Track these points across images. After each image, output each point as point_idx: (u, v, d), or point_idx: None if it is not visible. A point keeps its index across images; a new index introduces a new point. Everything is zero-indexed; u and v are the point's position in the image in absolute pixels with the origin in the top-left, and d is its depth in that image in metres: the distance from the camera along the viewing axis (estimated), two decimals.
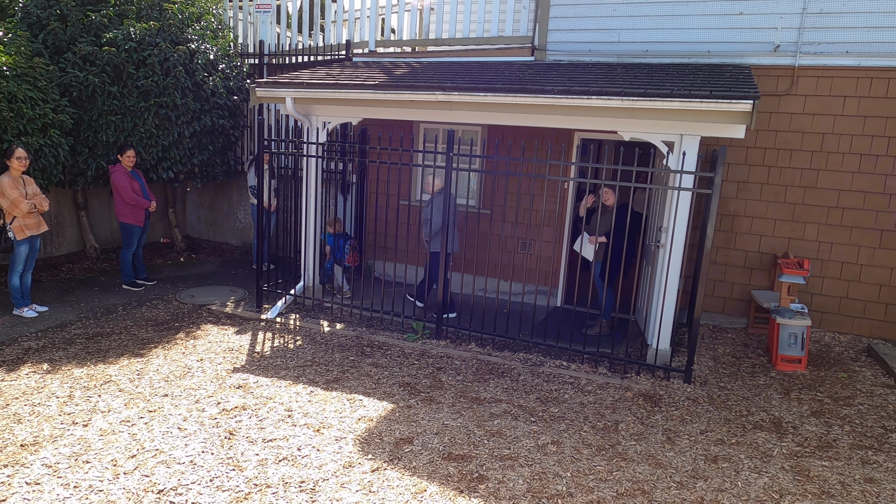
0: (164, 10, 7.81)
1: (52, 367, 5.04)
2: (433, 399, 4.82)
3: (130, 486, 3.49)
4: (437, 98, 5.89)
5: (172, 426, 4.20)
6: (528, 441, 4.23)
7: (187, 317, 6.53)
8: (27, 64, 6.64)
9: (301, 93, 6.52)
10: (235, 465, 3.76)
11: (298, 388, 4.91)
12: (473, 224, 7.44)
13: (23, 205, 5.90)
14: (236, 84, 8.53)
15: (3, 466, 3.61)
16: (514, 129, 7.19)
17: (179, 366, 5.23)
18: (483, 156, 5.83)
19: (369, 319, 6.68)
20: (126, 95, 7.39)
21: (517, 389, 5.08)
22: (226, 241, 9.92)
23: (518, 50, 7.54)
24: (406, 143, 7.78)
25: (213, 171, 8.64)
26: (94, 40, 7.30)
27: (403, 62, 7.89)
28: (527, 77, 6.21)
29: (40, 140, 6.58)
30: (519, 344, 6.06)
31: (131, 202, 7.02)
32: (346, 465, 3.83)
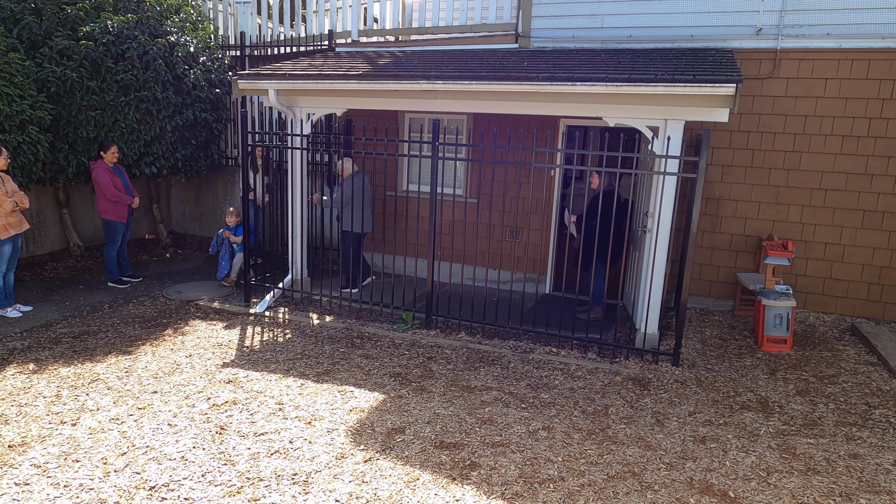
0: (142, 3, 7.69)
1: (39, 367, 4.99)
2: (424, 388, 4.84)
3: (121, 484, 3.48)
4: (421, 87, 5.86)
5: (162, 423, 4.18)
6: (519, 427, 4.26)
7: (175, 313, 6.48)
8: (2, 60, 6.50)
9: (284, 84, 6.46)
10: (227, 460, 3.75)
11: (289, 381, 4.90)
12: (460, 213, 7.43)
13: (6, 203, 5.81)
14: (218, 77, 8.42)
15: None
16: (500, 117, 7.18)
17: (168, 362, 5.20)
18: (469, 144, 5.81)
19: (359, 311, 6.67)
20: (105, 90, 7.28)
21: (507, 377, 5.11)
22: (212, 235, 9.82)
23: (502, 37, 7.51)
24: (391, 134, 7.74)
25: (196, 166, 8.55)
26: (70, 34, 7.17)
27: (387, 52, 7.83)
28: (511, 64, 6.19)
29: (18, 137, 6.47)
30: (508, 332, 6.08)
31: (113, 199, 6.94)
32: (339, 456, 3.84)
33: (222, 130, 8.94)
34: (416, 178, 7.83)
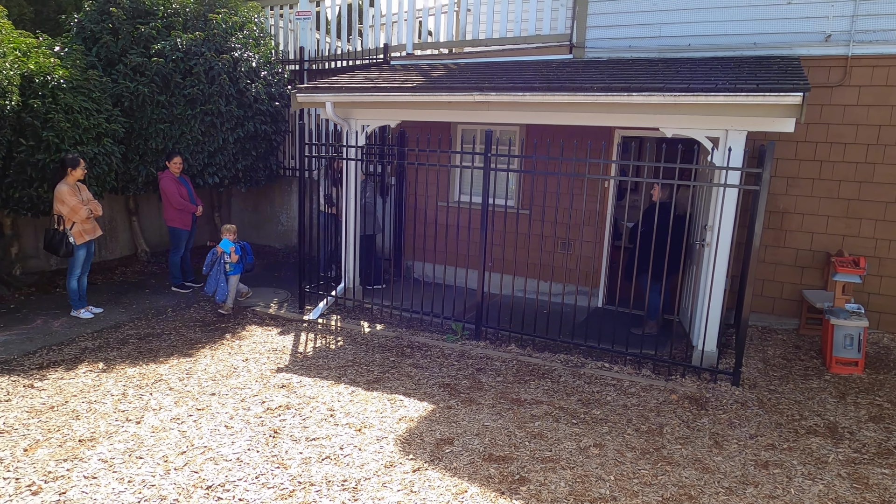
0: (209, 21, 8.05)
1: (108, 367, 5.26)
2: (473, 400, 4.82)
3: (180, 482, 3.61)
4: (474, 99, 5.89)
5: (220, 424, 4.32)
6: (569, 443, 4.18)
7: (233, 318, 6.71)
8: (82, 76, 6.95)
9: (340, 97, 6.62)
10: (280, 463, 3.84)
11: (340, 387, 4.98)
12: (512, 224, 7.40)
13: (82, 211, 6.18)
14: (278, 90, 8.71)
15: (63, 461, 3.78)
16: (553, 128, 7.12)
17: (226, 365, 5.38)
18: (521, 155, 5.79)
19: (409, 320, 6.72)
20: (174, 104, 7.65)
21: (558, 391, 5.03)
22: (269, 243, 10.14)
23: (556, 48, 7.47)
24: (444, 145, 7.80)
25: (256, 176, 8.85)
26: (143, 52, 7.59)
27: (440, 64, 7.91)
28: (565, 75, 6.15)
29: (95, 149, 6.88)
30: (559, 345, 5.99)
31: (179, 207, 7.27)
32: (388, 464, 3.86)
33: (280, 142, 9.23)
34: (468, 189, 7.85)
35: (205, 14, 8.13)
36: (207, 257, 6.72)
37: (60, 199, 6.09)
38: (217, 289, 6.69)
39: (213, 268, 6.69)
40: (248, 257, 6.95)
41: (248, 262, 6.97)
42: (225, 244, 6.67)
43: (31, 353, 5.45)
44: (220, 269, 6.70)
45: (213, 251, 6.72)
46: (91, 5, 7.84)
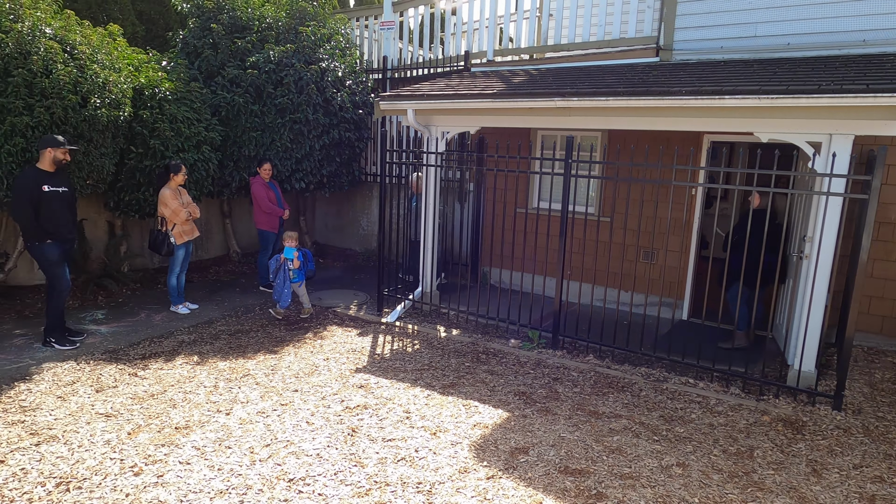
0: (300, 33, 8.44)
1: (201, 360, 5.60)
2: (549, 410, 4.73)
3: (265, 473, 3.77)
4: (555, 104, 5.81)
5: (301, 420, 4.48)
6: (650, 461, 4.01)
7: (315, 318, 6.96)
8: (185, 88, 7.47)
9: (421, 104, 6.74)
10: (357, 462, 3.93)
11: (416, 390, 5.04)
12: (592, 232, 7.23)
13: (182, 213, 6.64)
14: (361, 98, 8.99)
15: (162, 446, 4.05)
16: (637, 133, 6.91)
17: (308, 363, 5.58)
18: (603, 161, 5.65)
19: (485, 326, 6.71)
20: (265, 113, 8.06)
21: (638, 405, 4.84)
22: (350, 247, 10.46)
23: (642, 51, 7.25)
24: (523, 151, 7.75)
25: (339, 182, 9.16)
26: (239, 64, 8.06)
27: (521, 70, 7.88)
28: (651, 79, 5.95)
29: (195, 155, 7.37)
30: (640, 358, 5.78)
31: (267, 211, 7.64)
32: (462, 470, 3.87)
33: (363, 149, 9.51)
34: (548, 196, 7.75)
35: (295, 27, 8.53)
36: (271, 264, 6.79)
37: (164, 202, 6.57)
38: (282, 295, 6.77)
39: (279, 276, 6.75)
40: (309, 264, 6.98)
41: (309, 269, 7.00)
42: (288, 252, 6.69)
43: (135, 344, 5.89)
44: (285, 277, 6.75)
45: (277, 258, 6.77)
46: (194, 22, 8.43)
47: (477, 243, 8.36)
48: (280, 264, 6.72)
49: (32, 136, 5.72)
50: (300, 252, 6.80)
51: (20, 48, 5.63)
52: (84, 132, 6.06)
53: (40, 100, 5.72)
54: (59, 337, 5.72)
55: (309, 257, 7.00)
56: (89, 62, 6.16)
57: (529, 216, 7.69)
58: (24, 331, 6.07)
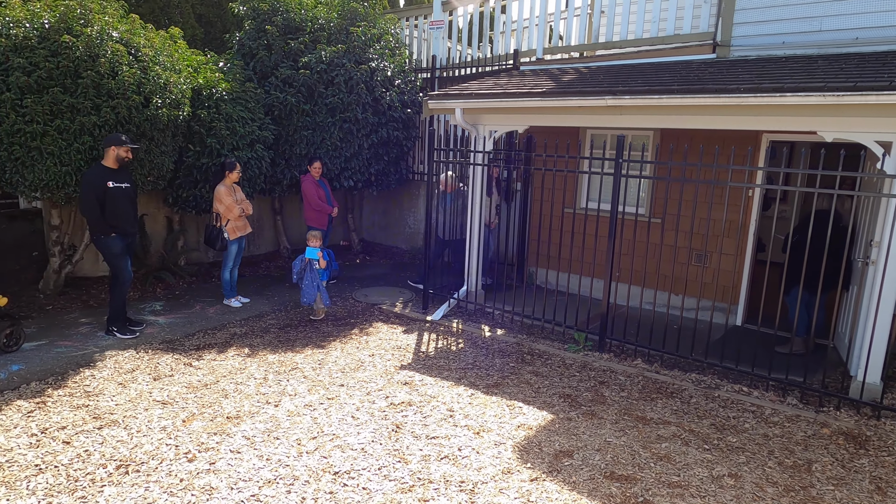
0: (351, 34, 8.57)
1: (252, 352, 5.76)
2: (595, 414, 4.65)
3: (311, 465, 3.85)
4: (606, 103, 5.71)
5: (347, 414, 4.55)
6: (700, 470, 3.89)
7: (361, 314, 7.06)
8: (241, 88, 7.70)
9: (469, 103, 6.73)
10: (401, 458, 3.96)
11: (460, 389, 5.05)
12: (642, 233, 7.06)
13: (235, 209, 6.85)
14: (410, 98, 9.06)
15: (214, 434, 4.19)
16: (690, 132, 6.71)
17: (354, 359, 5.67)
18: (655, 161, 5.52)
19: (530, 327, 6.66)
20: (316, 112, 8.22)
21: (688, 412, 4.71)
22: (396, 245, 10.56)
23: (697, 48, 7.03)
24: (572, 150, 7.64)
25: (387, 180, 9.26)
26: (292, 65, 8.25)
27: (571, 68, 7.77)
28: (707, 76, 5.76)
29: (248, 154, 7.59)
30: (691, 363, 5.61)
31: (317, 208, 7.80)
32: (505, 470, 3.85)
33: (411, 147, 9.58)
34: (596, 196, 7.62)
35: (347, 28, 8.66)
36: (295, 265, 6.67)
37: (218, 199, 6.79)
38: (320, 295, 6.68)
39: (306, 276, 6.62)
40: (333, 264, 6.90)
41: (333, 268, 6.96)
42: (310, 252, 6.58)
43: (190, 335, 6.12)
44: (312, 276, 6.62)
45: (301, 259, 6.62)
46: (250, 24, 8.67)
47: (523, 243, 8.29)
48: (305, 265, 6.63)
49: (99, 134, 6.01)
50: (324, 252, 6.70)
51: (89, 51, 5.92)
52: (146, 131, 6.33)
53: (107, 100, 6.00)
54: (121, 326, 6.00)
55: (332, 257, 6.92)
56: (152, 64, 6.43)
57: (577, 216, 7.58)
58: (88, 319, 6.39)
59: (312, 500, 3.49)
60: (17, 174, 5.97)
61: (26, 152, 5.85)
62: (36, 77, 5.72)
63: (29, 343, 5.63)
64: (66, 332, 6.00)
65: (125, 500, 3.42)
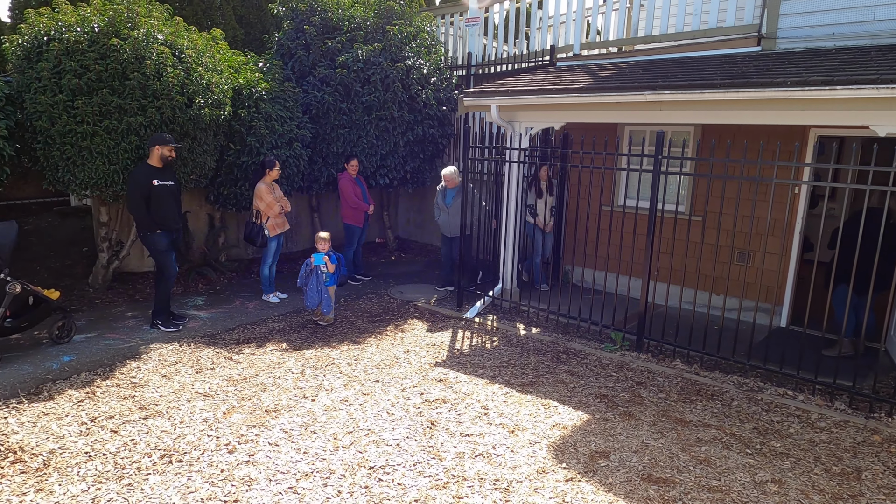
0: (387, 32, 8.62)
1: (289, 347, 5.87)
2: (632, 414, 4.58)
3: (347, 459, 3.90)
4: (645, 98, 5.60)
5: (382, 410, 4.59)
6: (742, 475, 3.79)
7: (396, 311, 7.11)
8: (279, 88, 7.84)
9: (505, 100, 6.69)
10: (435, 454, 3.98)
11: (494, 387, 5.04)
12: (681, 231, 6.91)
13: (275, 207, 6.98)
14: (445, 95, 9.06)
15: (253, 426, 4.29)
16: (733, 128, 6.52)
17: (389, 355, 5.71)
18: (696, 158, 5.39)
19: (565, 326, 6.59)
20: (353, 111, 8.31)
21: (729, 415, 4.59)
22: (431, 242, 10.59)
23: (741, 41, 6.82)
24: (610, 147, 7.53)
25: (422, 178, 9.29)
26: (329, 64, 8.35)
27: (609, 63, 7.64)
28: (752, 69, 5.59)
29: (287, 152, 7.72)
30: (732, 365, 5.46)
31: (353, 206, 7.88)
32: (540, 470, 3.82)
33: (446, 145, 9.58)
34: (635, 193, 7.49)
35: (383, 26, 8.72)
36: (301, 269, 6.45)
37: (259, 196, 6.93)
38: (322, 301, 6.39)
39: (311, 280, 6.37)
40: (341, 269, 6.66)
41: (342, 273, 6.68)
42: (317, 258, 6.36)
43: (230, 330, 6.27)
44: (319, 281, 6.36)
45: (307, 263, 6.40)
46: (289, 25, 8.81)
47: (559, 241, 8.21)
48: (310, 269, 6.38)
49: (145, 134, 6.20)
50: (332, 255, 6.50)
51: (136, 53, 6.11)
52: (189, 130, 6.50)
53: (152, 101, 6.18)
54: (165, 320, 6.19)
55: (342, 261, 6.71)
56: (195, 65, 6.60)
57: (615, 214, 7.46)
58: (134, 313, 6.62)
59: (348, 493, 3.53)
60: (68, 173, 6.22)
61: (77, 152, 6.08)
62: (86, 79, 5.94)
63: (79, 335, 5.86)
64: (114, 325, 6.22)
65: (169, 489, 3.53)
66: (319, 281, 6.38)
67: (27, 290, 5.24)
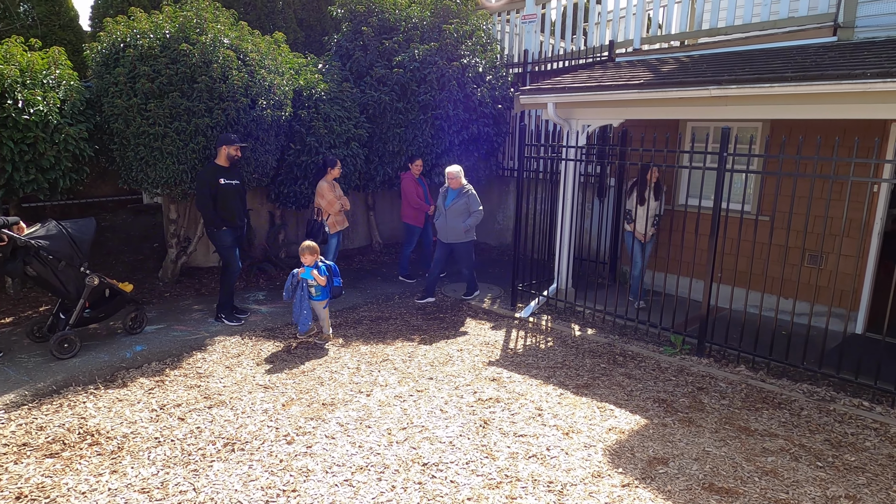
0: (443, 31, 8.65)
1: (346, 342, 5.98)
2: (692, 421, 4.42)
3: (401, 455, 3.94)
4: (710, 93, 5.39)
5: (435, 407, 4.62)
6: (812, 488, 3.59)
7: (450, 309, 7.13)
8: (338, 89, 8.00)
9: (562, 97, 6.60)
10: (488, 454, 3.97)
11: (548, 388, 4.97)
12: (747, 232, 6.62)
13: (336, 204, 7.15)
14: (501, 93, 9.01)
15: (310, 419, 4.40)
16: (804, 123, 6.19)
17: (442, 353, 5.74)
18: (765, 155, 5.15)
19: (622, 327, 6.44)
20: (409, 110, 8.38)
21: (798, 425, 4.36)
22: (485, 241, 10.57)
23: (814, 31, 6.48)
24: (671, 144, 7.29)
25: (476, 176, 9.27)
26: (386, 64, 8.45)
27: (671, 58, 7.41)
28: (826, 61, 5.29)
29: (345, 151, 7.87)
30: (802, 373, 5.20)
31: (415, 206, 7.99)
32: (595, 474, 3.75)
33: (501, 143, 9.53)
34: (696, 192, 7.23)
35: (439, 25, 8.75)
36: (287, 281, 5.84)
37: (321, 194, 7.11)
38: (300, 317, 5.81)
39: (297, 293, 5.82)
40: (334, 280, 5.94)
41: (335, 285, 5.96)
42: (306, 272, 5.74)
43: (289, 325, 6.45)
44: (302, 295, 5.78)
45: (293, 274, 5.80)
46: (347, 26, 8.98)
47: (617, 241, 8.03)
48: (297, 281, 5.79)
49: (211, 134, 6.46)
50: (322, 267, 5.81)
51: (204, 58, 6.37)
52: (252, 131, 6.73)
53: (218, 102, 6.44)
54: (229, 314, 6.43)
55: (334, 272, 5.97)
56: (258, 67, 6.82)
57: (676, 213, 7.23)
58: (200, 306, 6.91)
59: (402, 489, 3.57)
60: (141, 172, 6.55)
61: (149, 152, 6.40)
62: (158, 83, 6.24)
63: (150, 326, 6.17)
64: (182, 318, 6.52)
65: (231, 476, 3.67)
66: (303, 296, 5.80)
67: (104, 283, 5.55)
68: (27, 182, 5.99)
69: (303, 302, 5.81)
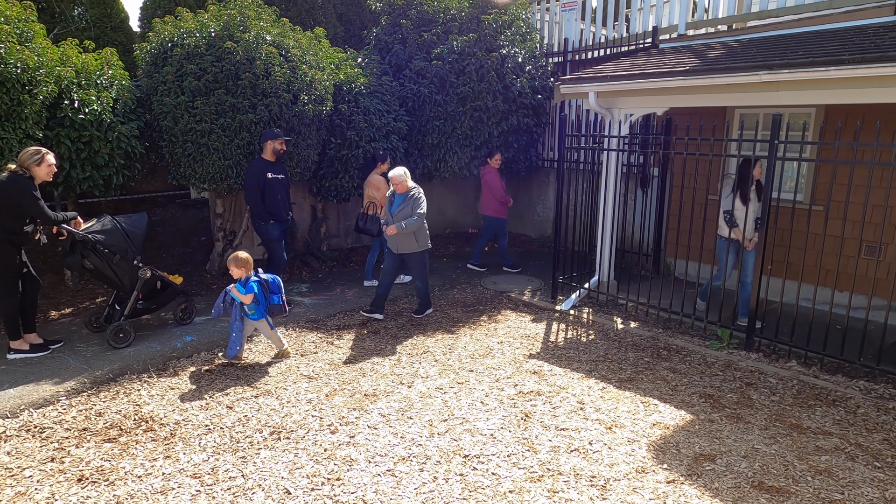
0: (481, 22, 8.59)
1: (386, 334, 6.05)
2: (740, 417, 4.30)
3: (442, 446, 3.97)
4: (760, 79, 5.20)
5: (476, 400, 4.63)
6: (869, 490, 3.45)
7: (490, 301, 7.12)
8: (377, 82, 8.05)
9: (604, 86, 6.47)
10: (530, 447, 3.95)
11: (590, 382, 4.92)
12: (799, 222, 6.37)
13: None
14: (541, 83, 8.90)
15: (353, 409, 4.47)
16: (862, 108, 5.91)
17: (482, 345, 5.74)
18: (819, 142, 4.93)
19: (666, 321, 6.30)
20: (447, 102, 8.36)
21: (854, 424, 4.19)
22: (525, 233, 10.50)
23: (873, 10, 6.17)
24: (718, 132, 7.07)
25: (516, 167, 9.21)
26: (425, 56, 8.45)
27: (718, 43, 7.16)
28: (888, 41, 5.02)
29: (384, 144, 7.92)
30: (858, 369, 4.99)
31: (502, 200, 8.09)
32: (639, 469, 3.69)
33: (541, 134, 9.43)
34: None
35: (478, 16, 8.69)
36: (218, 299, 5.10)
37: (375, 187, 7.18)
38: (230, 338, 5.14)
39: (233, 311, 5.12)
40: (272, 297, 5.14)
41: (272, 302, 5.16)
42: (237, 288, 4.99)
43: (332, 316, 6.56)
44: (236, 315, 5.09)
45: (226, 291, 5.05)
46: (386, 20, 9.01)
47: (660, 232, 7.85)
48: (232, 297, 5.05)
49: (255, 130, 6.60)
50: (254, 283, 5.01)
51: (247, 55, 6.51)
52: (294, 126, 6.84)
53: (261, 99, 6.56)
54: None
55: (273, 287, 5.16)
56: (299, 63, 6.92)
57: None
58: None
59: (444, 480, 3.59)
60: (189, 168, 6.75)
61: (196, 149, 6.59)
62: (204, 81, 6.40)
63: (199, 317, 6.37)
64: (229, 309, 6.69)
65: (278, 464, 3.77)
66: (236, 315, 5.10)
67: (156, 275, 5.76)
68: (83, 179, 6.25)
69: (233, 322, 5.10)
